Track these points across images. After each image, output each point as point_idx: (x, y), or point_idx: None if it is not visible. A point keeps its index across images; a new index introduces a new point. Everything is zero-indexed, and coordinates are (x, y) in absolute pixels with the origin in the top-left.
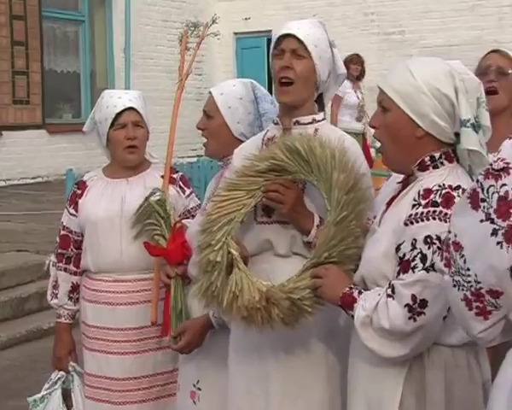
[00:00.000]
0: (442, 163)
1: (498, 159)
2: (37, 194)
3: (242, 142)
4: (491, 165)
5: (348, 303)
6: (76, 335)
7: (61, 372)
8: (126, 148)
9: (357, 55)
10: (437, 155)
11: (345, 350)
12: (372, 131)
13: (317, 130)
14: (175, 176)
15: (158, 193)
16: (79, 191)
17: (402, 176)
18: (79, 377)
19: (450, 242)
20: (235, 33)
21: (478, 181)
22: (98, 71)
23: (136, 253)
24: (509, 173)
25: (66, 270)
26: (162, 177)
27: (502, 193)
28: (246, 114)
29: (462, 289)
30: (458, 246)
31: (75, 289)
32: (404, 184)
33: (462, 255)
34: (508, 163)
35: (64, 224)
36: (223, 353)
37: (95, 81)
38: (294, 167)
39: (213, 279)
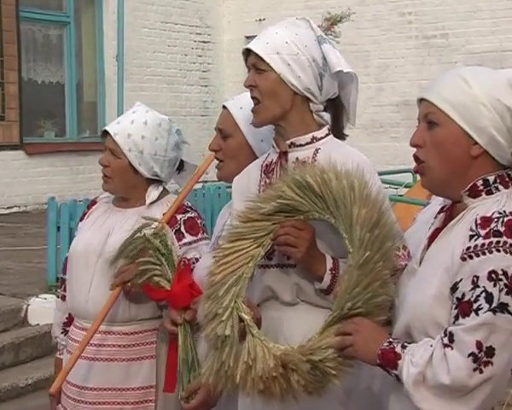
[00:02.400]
0: (497, 188)
1: None
2: (13, 226)
3: None
4: None
5: (390, 361)
6: None
7: None
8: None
9: None
10: (491, 178)
11: None
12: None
13: (317, 150)
14: (179, 217)
15: (154, 224)
16: (87, 211)
17: (440, 203)
18: None
19: None
20: (247, 37)
21: None
22: (86, 82)
23: (103, 300)
24: None
25: (64, 298)
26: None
27: None
28: (270, 131)
29: None
30: None
31: (72, 322)
32: (450, 213)
33: None
34: None
35: (72, 244)
36: None
37: (82, 94)
38: (307, 206)
39: (225, 358)
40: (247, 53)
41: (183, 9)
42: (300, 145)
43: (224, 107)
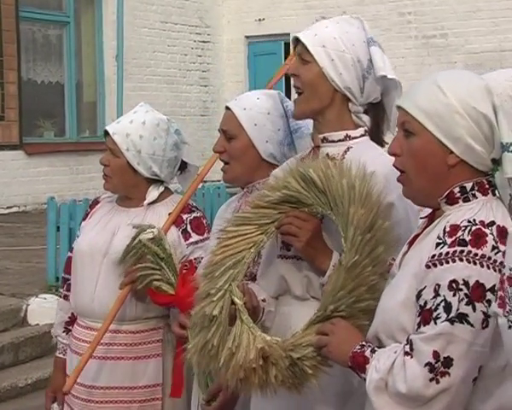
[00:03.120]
0: (474, 195)
1: None
2: (13, 226)
3: (271, 164)
4: None
5: (359, 364)
6: None
7: None
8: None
9: None
10: (468, 185)
11: None
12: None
13: (348, 149)
14: (185, 216)
15: (149, 230)
16: (89, 211)
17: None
18: None
19: (505, 277)
20: (247, 37)
21: None
22: (85, 81)
23: (109, 300)
24: None
25: (66, 297)
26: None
27: None
28: (275, 131)
29: None
30: None
31: (75, 321)
32: (430, 219)
33: None
34: None
35: (73, 245)
36: None
37: (81, 93)
38: (311, 199)
39: (209, 337)
40: (297, 42)
41: (183, 9)
42: (333, 141)
43: (227, 108)
